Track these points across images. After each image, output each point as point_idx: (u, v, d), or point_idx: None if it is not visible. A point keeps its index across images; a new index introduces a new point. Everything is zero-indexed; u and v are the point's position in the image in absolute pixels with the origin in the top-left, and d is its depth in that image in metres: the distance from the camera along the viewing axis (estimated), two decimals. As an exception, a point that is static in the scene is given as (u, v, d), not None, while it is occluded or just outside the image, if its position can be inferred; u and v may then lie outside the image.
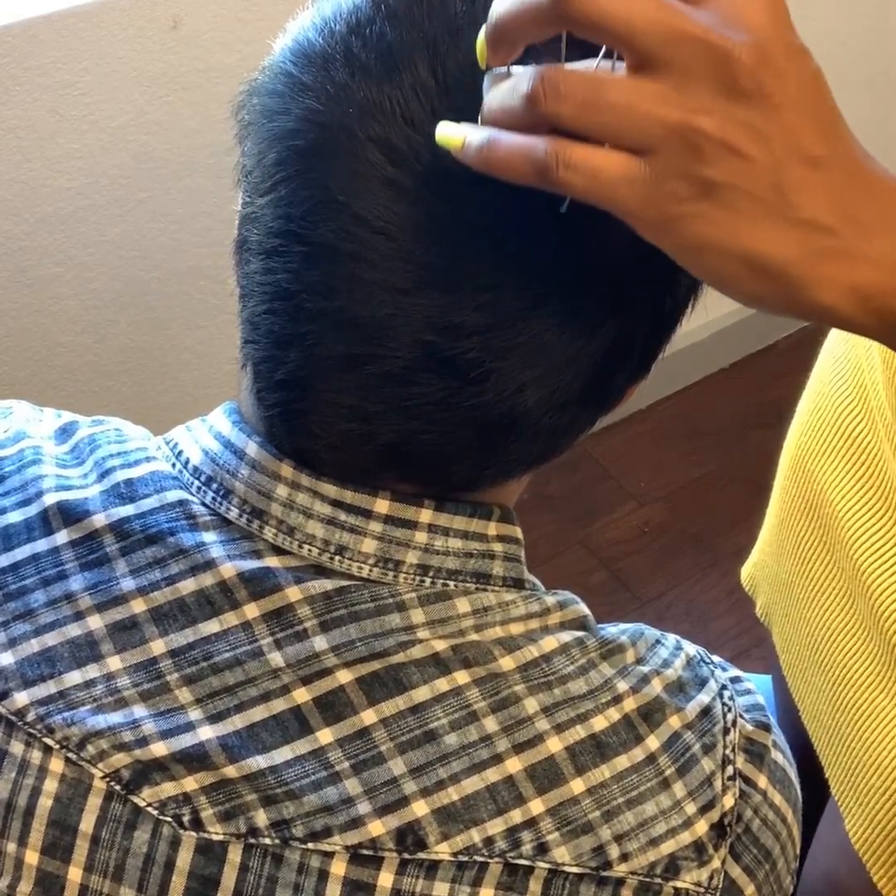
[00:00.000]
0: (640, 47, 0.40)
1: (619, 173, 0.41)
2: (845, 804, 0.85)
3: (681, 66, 0.40)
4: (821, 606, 0.88)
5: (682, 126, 0.40)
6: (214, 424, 0.56)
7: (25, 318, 1.24)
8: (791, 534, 0.92)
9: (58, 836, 0.50)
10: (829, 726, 0.87)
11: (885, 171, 0.45)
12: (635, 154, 0.41)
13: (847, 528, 0.83)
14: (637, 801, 0.51)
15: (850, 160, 0.44)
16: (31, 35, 1.09)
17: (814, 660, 0.89)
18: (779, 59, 0.41)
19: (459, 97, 0.45)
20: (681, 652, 0.57)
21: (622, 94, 0.40)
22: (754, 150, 0.41)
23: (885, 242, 0.43)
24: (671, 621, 1.71)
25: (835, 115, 0.44)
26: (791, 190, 0.42)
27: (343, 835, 0.49)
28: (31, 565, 0.54)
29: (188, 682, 0.51)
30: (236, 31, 1.19)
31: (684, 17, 0.40)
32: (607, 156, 0.41)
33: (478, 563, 0.54)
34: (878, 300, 0.44)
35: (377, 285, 0.46)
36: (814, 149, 0.42)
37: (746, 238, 0.42)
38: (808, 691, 0.91)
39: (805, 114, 0.42)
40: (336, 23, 0.47)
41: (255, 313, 0.50)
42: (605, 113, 0.41)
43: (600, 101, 0.41)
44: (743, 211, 0.42)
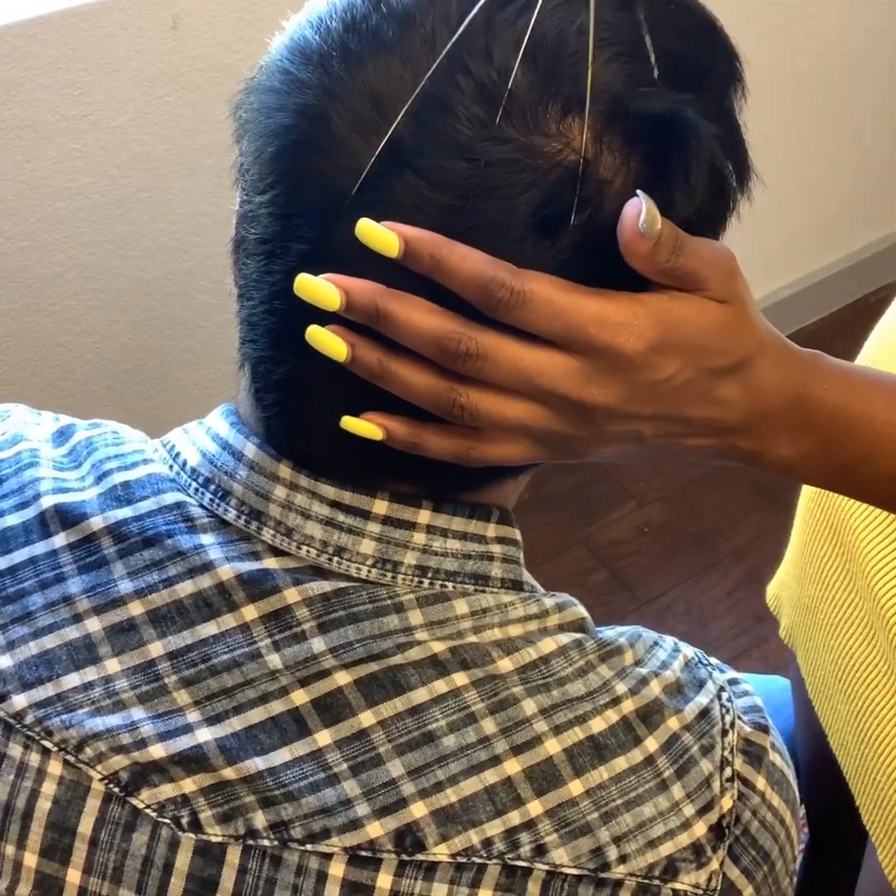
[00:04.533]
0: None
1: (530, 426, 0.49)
2: (876, 834, 0.84)
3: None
4: (844, 634, 0.87)
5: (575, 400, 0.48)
6: (212, 426, 0.56)
7: (25, 318, 1.24)
8: (814, 558, 0.91)
9: (56, 838, 0.50)
10: (856, 756, 0.86)
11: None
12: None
13: (868, 559, 0.82)
14: (635, 802, 0.51)
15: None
16: (31, 35, 1.09)
17: (839, 688, 0.88)
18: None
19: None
20: (679, 654, 0.57)
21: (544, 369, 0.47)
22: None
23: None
24: (671, 621, 1.71)
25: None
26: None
27: (341, 836, 0.49)
28: (29, 568, 0.54)
29: (186, 685, 0.51)
30: (236, 31, 1.19)
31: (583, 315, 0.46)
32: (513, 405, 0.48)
33: (476, 564, 0.54)
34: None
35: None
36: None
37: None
38: (834, 718, 0.90)
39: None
40: (332, 20, 0.47)
41: (254, 313, 0.50)
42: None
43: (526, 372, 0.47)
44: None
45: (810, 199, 2.00)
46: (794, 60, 1.76)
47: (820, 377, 0.54)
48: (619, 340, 0.46)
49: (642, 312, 0.46)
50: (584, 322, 0.46)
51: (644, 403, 0.49)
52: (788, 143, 1.85)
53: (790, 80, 1.77)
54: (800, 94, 1.82)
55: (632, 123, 0.45)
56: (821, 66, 1.79)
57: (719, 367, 0.49)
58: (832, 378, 0.54)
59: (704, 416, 0.51)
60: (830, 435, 0.54)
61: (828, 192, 2.02)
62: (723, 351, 0.49)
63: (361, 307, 0.46)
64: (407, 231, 0.44)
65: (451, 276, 0.45)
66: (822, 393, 0.53)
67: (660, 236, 0.45)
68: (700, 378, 0.49)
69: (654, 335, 0.47)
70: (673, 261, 0.46)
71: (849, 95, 1.90)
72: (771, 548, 1.79)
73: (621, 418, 0.49)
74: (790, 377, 0.52)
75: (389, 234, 0.44)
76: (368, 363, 0.47)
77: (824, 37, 1.75)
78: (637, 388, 0.48)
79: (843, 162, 2.00)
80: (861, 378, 0.55)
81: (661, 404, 0.49)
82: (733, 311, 0.49)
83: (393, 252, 0.44)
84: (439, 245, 0.44)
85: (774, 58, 1.72)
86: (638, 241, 0.45)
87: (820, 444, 0.54)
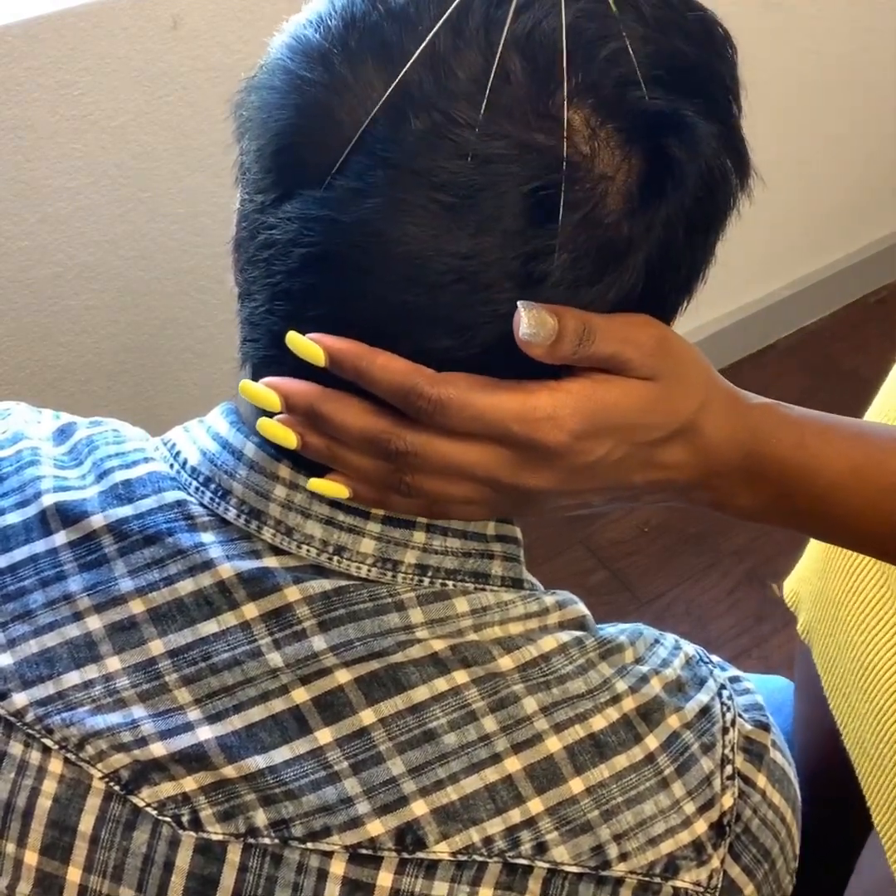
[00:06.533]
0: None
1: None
2: (887, 835, 0.83)
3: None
4: (869, 631, 0.86)
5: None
6: (212, 425, 0.56)
7: (25, 318, 1.24)
8: (842, 552, 0.90)
9: (57, 836, 0.50)
10: (873, 755, 0.85)
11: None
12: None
13: None
14: (636, 800, 0.51)
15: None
16: (31, 35, 1.08)
17: (858, 685, 0.87)
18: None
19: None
20: (679, 651, 0.57)
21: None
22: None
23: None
24: (671, 621, 1.71)
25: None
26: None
27: (342, 834, 0.49)
28: (30, 566, 0.54)
29: (187, 683, 0.51)
30: (236, 31, 1.19)
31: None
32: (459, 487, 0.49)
33: (476, 562, 0.54)
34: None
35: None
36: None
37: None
38: (851, 716, 0.89)
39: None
40: (331, 18, 0.47)
41: (255, 313, 0.50)
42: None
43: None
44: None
45: (810, 199, 2.00)
46: (795, 60, 1.76)
47: (770, 430, 0.54)
48: (541, 434, 0.47)
49: (563, 403, 0.47)
50: (504, 420, 0.47)
51: (582, 482, 0.50)
52: (788, 143, 1.85)
53: (790, 79, 1.77)
54: (800, 94, 1.81)
55: (631, 121, 0.45)
56: (821, 66, 1.79)
57: (654, 439, 0.50)
58: (783, 429, 0.55)
59: (651, 480, 0.52)
60: (782, 487, 0.55)
61: (828, 192, 2.02)
62: (653, 426, 0.50)
63: (300, 409, 0.48)
64: (329, 343, 0.46)
65: (373, 386, 0.47)
66: (771, 447, 0.54)
67: (561, 331, 0.45)
68: (637, 451, 0.50)
69: (577, 424, 0.47)
70: (582, 351, 0.46)
71: (849, 95, 1.90)
72: (771, 548, 1.79)
73: (561, 495, 0.51)
74: (740, 433, 0.53)
75: (314, 347, 0.47)
76: (318, 449, 0.50)
77: (824, 37, 1.75)
78: (570, 471, 0.49)
79: (843, 162, 2.00)
80: (813, 426, 0.56)
81: (602, 480, 0.50)
82: (660, 386, 0.49)
83: (320, 362, 0.47)
84: (360, 356, 0.46)
85: (775, 57, 1.72)
86: (529, 347, 0.46)
87: (776, 496, 0.55)
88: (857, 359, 2.05)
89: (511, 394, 0.47)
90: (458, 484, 0.49)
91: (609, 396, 0.48)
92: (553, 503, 0.52)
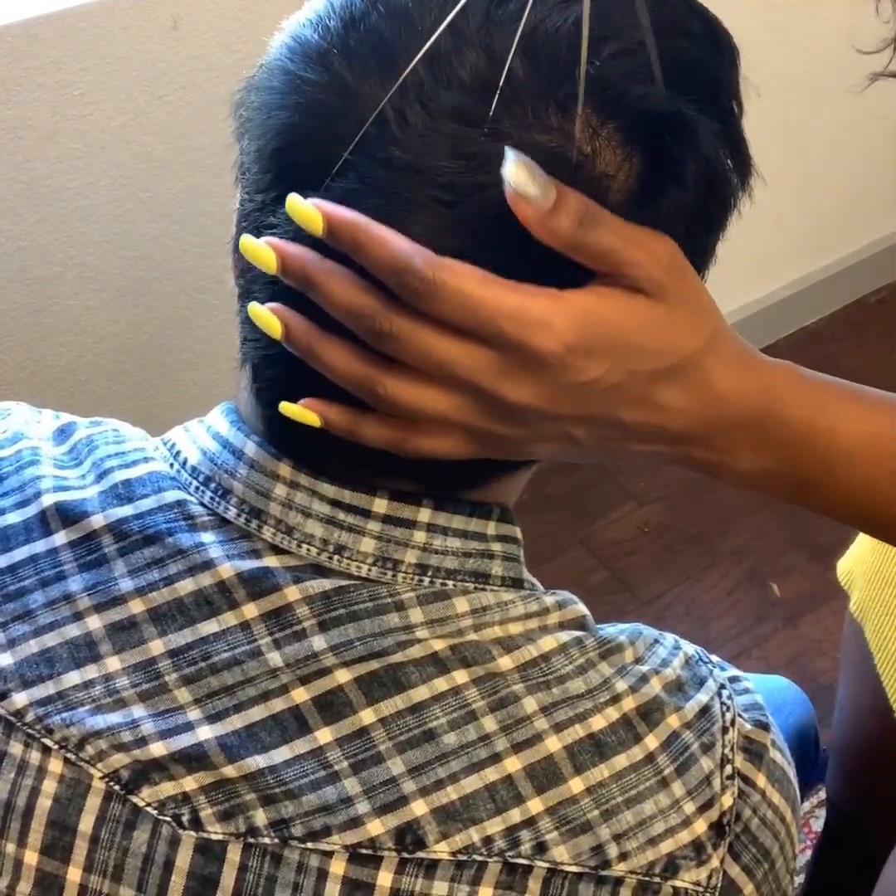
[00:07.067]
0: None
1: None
2: None
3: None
4: None
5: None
6: (212, 424, 0.56)
7: (25, 318, 1.24)
8: None
9: (57, 836, 0.50)
10: None
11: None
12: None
13: None
14: (636, 800, 0.51)
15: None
16: (31, 35, 1.08)
17: None
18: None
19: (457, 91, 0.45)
20: (679, 651, 0.57)
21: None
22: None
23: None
24: (671, 621, 1.71)
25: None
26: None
27: (342, 834, 0.49)
28: (30, 566, 0.54)
29: (187, 683, 0.51)
30: (236, 31, 1.19)
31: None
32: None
33: (477, 562, 0.54)
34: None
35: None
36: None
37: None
38: None
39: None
40: (330, 19, 0.47)
41: None
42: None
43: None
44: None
45: (810, 199, 2.00)
46: (795, 60, 1.76)
47: (787, 390, 0.51)
48: (534, 339, 0.44)
49: (562, 311, 0.44)
50: (497, 316, 0.44)
51: (566, 405, 0.47)
52: (788, 143, 1.85)
53: (791, 79, 1.77)
54: (800, 94, 1.81)
55: (633, 121, 0.45)
56: (821, 65, 1.79)
57: (653, 369, 0.47)
58: (801, 391, 0.52)
59: (642, 421, 0.48)
60: (794, 451, 0.52)
61: (828, 192, 2.02)
62: (654, 352, 0.46)
63: (293, 273, 0.46)
64: (329, 210, 0.44)
65: (368, 260, 0.44)
66: (785, 407, 0.51)
67: (560, 201, 0.43)
68: (632, 381, 0.46)
69: (573, 336, 0.44)
70: (581, 234, 0.44)
71: (849, 95, 1.90)
72: (771, 548, 1.80)
73: (544, 418, 0.47)
74: (752, 387, 0.50)
75: (314, 212, 0.44)
76: (299, 342, 0.47)
77: (824, 37, 1.75)
78: (557, 388, 0.46)
79: (843, 162, 2.00)
80: (829, 391, 0.53)
81: (587, 406, 0.47)
82: (667, 309, 0.46)
83: (318, 230, 0.44)
84: (358, 227, 0.44)
85: (775, 57, 1.72)
86: (518, 204, 0.43)
87: (783, 459, 0.52)
88: (857, 359, 2.05)
89: (510, 291, 0.44)
90: (436, 395, 0.46)
91: (611, 312, 0.45)
92: (533, 431, 0.48)
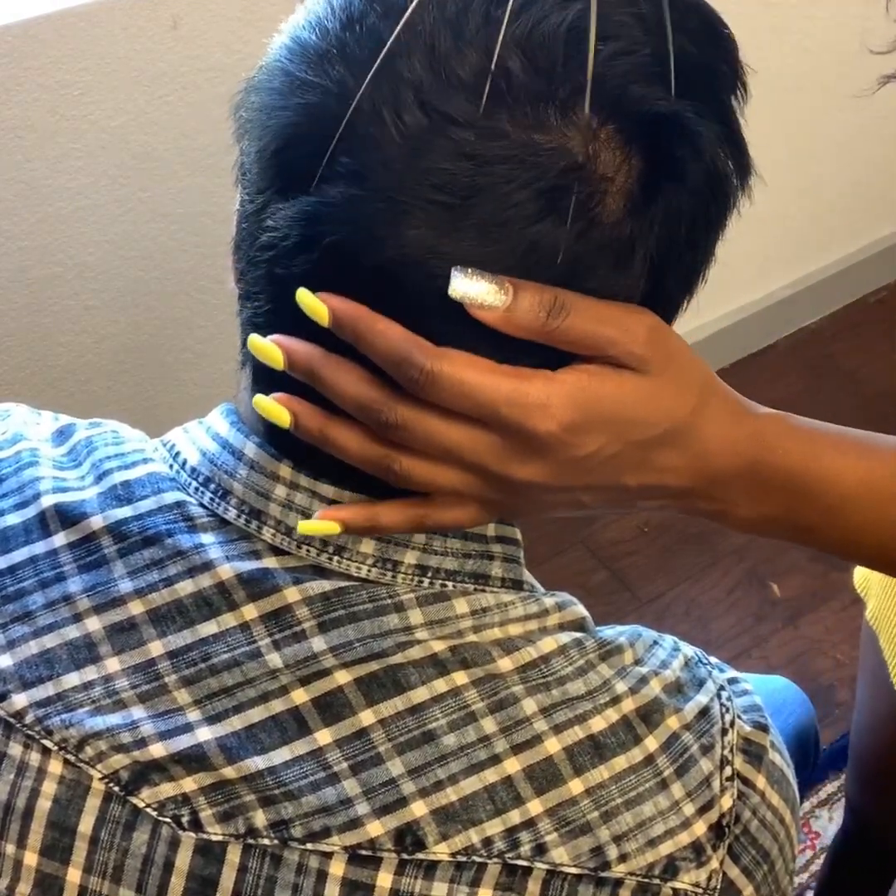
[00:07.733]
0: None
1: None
2: None
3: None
4: None
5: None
6: (212, 425, 0.56)
7: (25, 318, 1.24)
8: None
9: (57, 837, 0.50)
10: None
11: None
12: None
13: None
14: (635, 801, 0.51)
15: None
16: (31, 35, 1.08)
17: None
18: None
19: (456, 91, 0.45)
20: (679, 653, 0.57)
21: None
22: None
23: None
24: (671, 621, 1.71)
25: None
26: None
27: (342, 835, 0.49)
28: (30, 567, 0.54)
29: (186, 684, 0.51)
30: (236, 31, 1.19)
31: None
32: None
33: (476, 563, 0.54)
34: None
35: None
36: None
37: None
38: None
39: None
40: (329, 20, 0.47)
41: (258, 314, 0.50)
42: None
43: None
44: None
45: (810, 199, 2.00)
46: (795, 60, 1.76)
47: (779, 439, 0.53)
48: (532, 422, 0.46)
49: (557, 392, 0.46)
50: (495, 402, 0.46)
51: (570, 477, 0.49)
52: (788, 143, 1.85)
53: (790, 79, 1.77)
54: (800, 94, 1.81)
55: (633, 122, 0.45)
56: (821, 66, 1.79)
57: (647, 438, 0.49)
58: (792, 440, 0.53)
59: (644, 483, 0.51)
60: (790, 498, 0.54)
61: (828, 192, 2.02)
62: (647, 423, 0.49)
63: (299, 369, 0.48)
64: (334, 303, 0.46)
65: (370, 350, 0.46)
66: (779, 457, 0.53)
67: (517, 300, 0.45)
68: (629, 450, 0.49)
69: (568, 415, 0.46)
70: (550, 324, 0.46)
71: (849, 95, 1.90)
72: (771, 547, 1.79)
73: (551, 490, 0.50)
74: (743, 439, 0.52)
75: (320, 306, 0.46)
76: (310, 429, 0.49)
77: (825, 37, 1.75)
78: (559, 464, 0.48)
79: (844, 162, 2.00)
80: (825, 438, 0.55)
81: (591, 477, 0.49)
82: (653, 381, 0.48)
83: (324, 321, 0.46)
84: (360, 319, 0.46)
85: (775, 58, 1.71)
86: (472, 310, 0.45)
87: (780, 506, 0.54)
88: (857, 359, 2.05)
89: (506, 377, 0.46)
90: (447, 472, 0.49)
91: (602, 389, 0.47)
92: (544, 500, 0.51)
